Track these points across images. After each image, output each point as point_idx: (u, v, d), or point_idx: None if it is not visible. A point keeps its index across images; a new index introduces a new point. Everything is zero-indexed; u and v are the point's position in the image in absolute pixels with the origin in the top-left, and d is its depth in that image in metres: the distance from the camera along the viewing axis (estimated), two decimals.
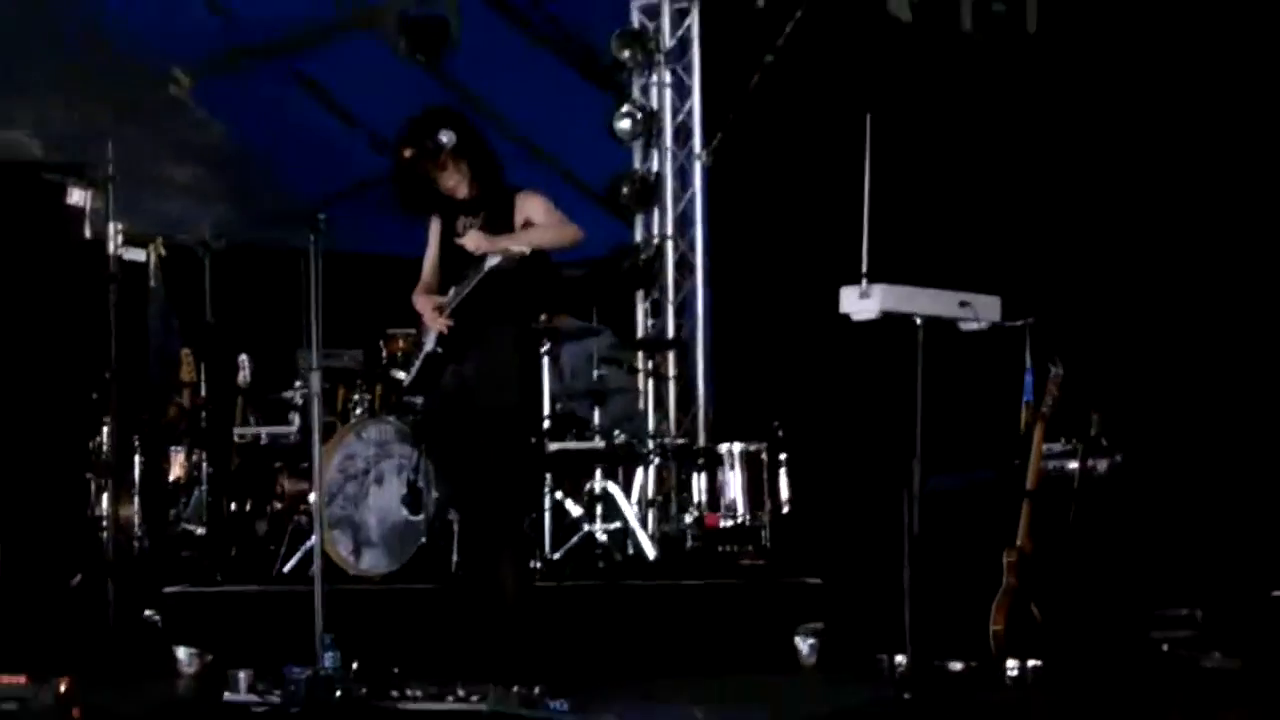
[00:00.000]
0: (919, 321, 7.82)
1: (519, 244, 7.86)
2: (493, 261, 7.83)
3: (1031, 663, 8.21)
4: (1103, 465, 9.77)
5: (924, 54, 11.82)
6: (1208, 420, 10.65)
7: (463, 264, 7.96)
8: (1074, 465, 9.28)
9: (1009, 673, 8.21)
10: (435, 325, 7.97)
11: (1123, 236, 11.24)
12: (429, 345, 8.02)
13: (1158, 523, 9.94)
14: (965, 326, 8.16)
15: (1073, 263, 11.24)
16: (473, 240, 7.86)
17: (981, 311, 8.12)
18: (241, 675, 7.50)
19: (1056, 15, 11.39)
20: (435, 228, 8.18)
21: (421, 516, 9.97)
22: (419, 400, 9.08)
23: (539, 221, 7.94)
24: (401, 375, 8.58)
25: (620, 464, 10.78)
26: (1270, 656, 8.84)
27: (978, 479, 9.46)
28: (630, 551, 10.56)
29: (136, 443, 13.13)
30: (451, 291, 7.98)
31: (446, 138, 7.90)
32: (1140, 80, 11.16)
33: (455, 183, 8.01)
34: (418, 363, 8.13)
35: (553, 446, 10.39)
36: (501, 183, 8.07)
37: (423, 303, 8.17)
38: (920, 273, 8.14)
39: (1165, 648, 8.80)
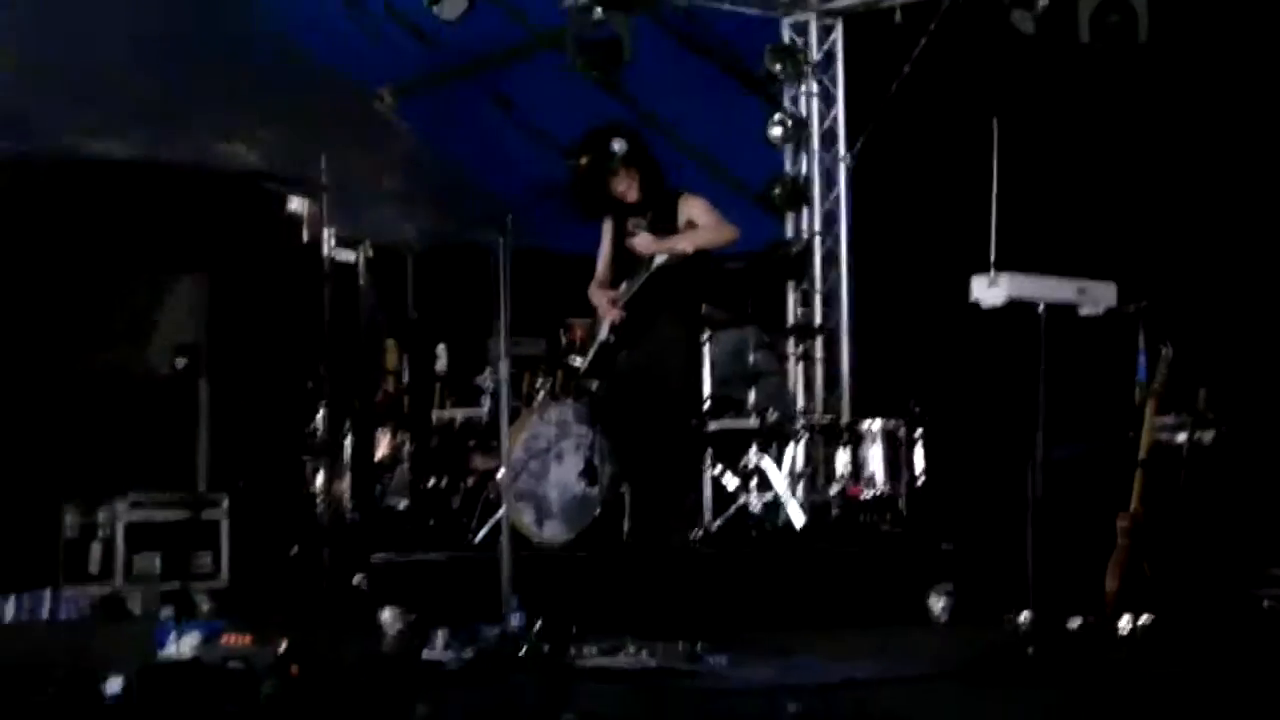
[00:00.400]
0: (1042, 307, 7.77)
1: (683, 244, 7.91)
2: (660, 259, 7.88)
3: (1143, 619, 8.13)
4: (1208, 437, 9.64)
5: (1046, 62, 11.69)
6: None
7: (633, 261, 8.01)
8: (1182, 437, 9.17)
9: (1122, 628, 8.14)
10: (609, 316, 8.03)
11: (1228, 228, 11.07)
12: (603, 334, 8.07)
13: (1260, 490, 9.80)
14: (1084, 311, 8.09)
15: (1183, 252, 11.07)
16: (642, 242, 7.92)
17: (1098, 297, 8.06)
18: (439, 634, 7.58)
19: (1165, 25, 11.20)
20: (608, 228, 8.23)
21: (597, 490, 10.04)
22: (595, 384, 9.14)
23: (700, 222, 7.98)
24: (578, 361, 8.62)
25: (772, 440, 10.78)
26: None
27: (1078, 450, 9.38)
28: (781, 521, 10.58)
29: (347, 425, 13.31)
30: (623, 286, 8.04)
31: (618, 146, 7.98)
32: (1242, 82, 10.97)
33: (625, 188, 8.07)
34: (593, 350, 8.19)
35: (712, 425, 10.43)
36: (665, 187, 8.12)
37: (598, 295, 8.23)
38: (1043, 262, 8.09)
39: (1266, 604, 8.67)
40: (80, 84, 13.38)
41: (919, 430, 10.48)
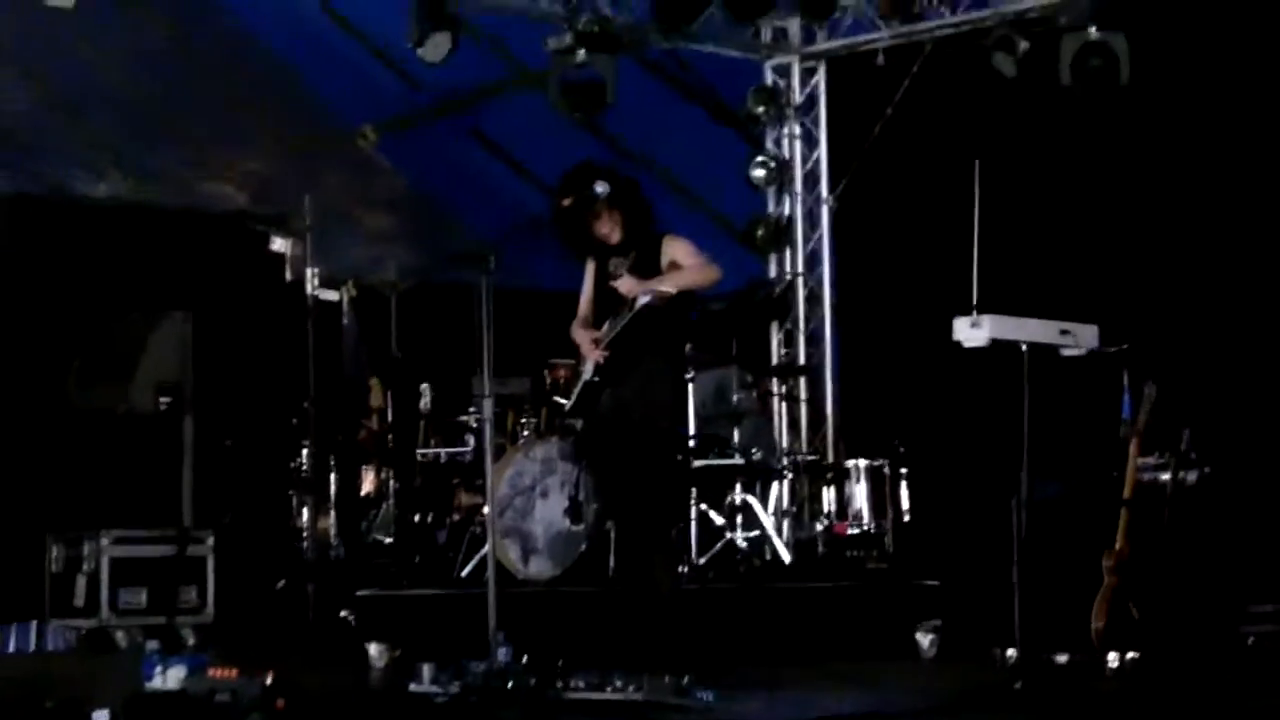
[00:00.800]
0: (1024, 348, 7.78)
1: (665, 286, 7.88)
2: (644, 300, 7.86)
3: (1130, 655, 8.14)
4: (1192, 476, 9.67)
5: (1027, 104, 11.75)
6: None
7: (616, 301, 7.98)
8: (1166, 476, 9.20)
9: (1109, 664, 8.15)
10: (592, 356, 8.01)
11: (1208, 271, 11.12)
12: (588, 374, 8.04)
13: (1243, 528, 9.83)
14: (1067, 352, 8.11)
15: (1165, 295, 11.12)
16: (625, 284, 7.89)
17: (1081, 339, 8.07)
18: (425, 668, 7.54)
19: (1145, 68, 11.27)
20: (591, 268, 8.21)
21: (582, 526, 10.01)
22: (579, 422, 9.11)
23: (684, 263, 7.95)
24: (563, 401, 8.58)
25: (757, 478, 10.79)
26: None
27: (1056, 490, 9.41)
28: (767, 557, 10.57)
29: (332, 462, 13.30)
30: (606, 325, 8.01)
31: (601, 189, 7.95)
32: (1222, 124, 11.03)
33: (609, 229, 8.03)
34: (577, 389, 8.16)
35: (697, 463, 10.43)
36: (650, 228, 8.09)
37: (581, 335, 8.20)
38: (1026, 304, 8.10)
39: (1251, 641, 8.69)
40: (69, 106, 13.40)
41: (904, 469, 10.48)
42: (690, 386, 10.64)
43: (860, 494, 10.44)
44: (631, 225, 8.00)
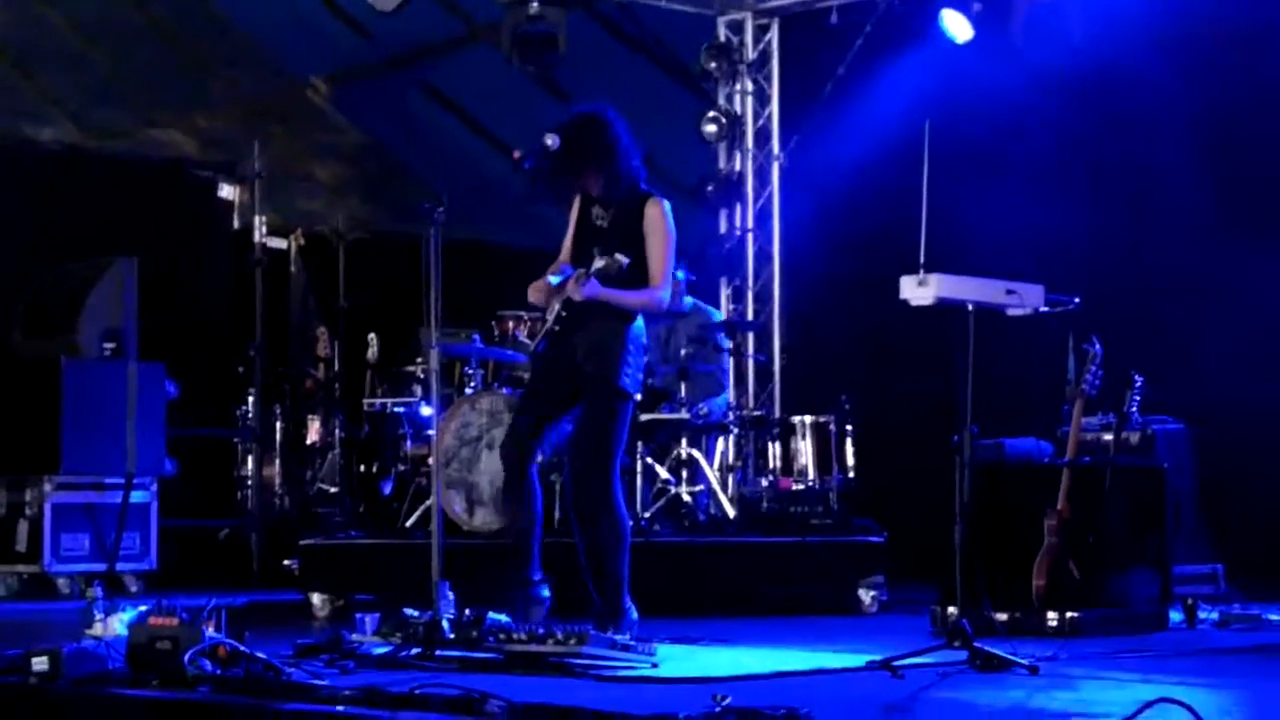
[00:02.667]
0: (970, 307, 7.75)
1: (614, 300, 7.71)
2: (599, 264, 7.70)
3: (1069, 614, 8.15)
4: (1135, 438, 9.71)
5: (978, 65, 11.72)
6: (1232, 394, 10.54)
7: (591, 248, 7.83)
8: (1109, 437, 9.21)
9: (1049, 622, 8.16)
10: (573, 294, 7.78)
11: (1159, 229, 11.14)
12: (549, 323, 7.91)
13: (1187, 489, 9.87)
14: (1012, 312, 8.10)
15: (1115, 253, 11.14)
16: (576, 293, 7.70)
17: (1027, 299, 8.07)
18: (367, 618, 7.51)
19: (1098, 30, 11.27)
20: (574, 213, 8.05)
21: None
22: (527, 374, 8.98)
23: (650, 239, 7.78)
24: (528, 342, 8.35)
25: (703, 433, 10.77)
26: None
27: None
28: (712, 511, 10.56)
29: (278, 411, 13.27)
30: (575, 276, 7.83)
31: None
32: (1167, 79, 11.03)
33: (588, 180, 7.91)
34: (541, 334, 8.02)
35: (644, 417, 10.39)
36: (631, 180, 7.91)
37: (537, 294, 8.01)
38: (971, 263, 8.08)
39: (1190, 601, 8.71)
40: (24, 61, 13.28)
41: (849, 425, 10.46)
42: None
43: (805, 450, 10.41)
44: (611, 181, 7.86)
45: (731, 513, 10.47)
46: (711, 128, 13.28)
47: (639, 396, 8.06)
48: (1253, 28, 10.84)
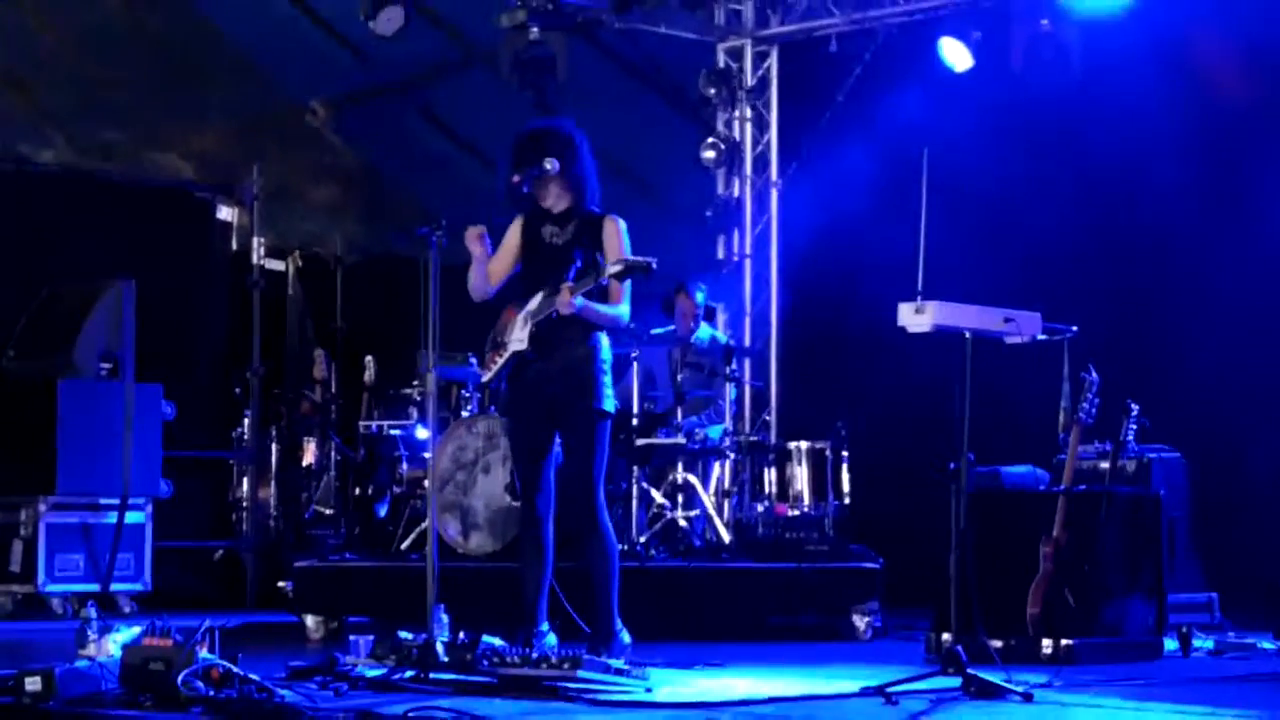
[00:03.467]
0: (968, 335, 7.75)
1: (593, 316, 7.68)
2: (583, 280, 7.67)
3: (1064, 642, 8.15)
4: (1131, 466, 9.71)
5: (977, 94, 11.75)
6: (1227, 424, 10.56)
7: (548, 266, 7.78)
8: (1105, 465, 9.21)
9: (1044, 650, 8.15)
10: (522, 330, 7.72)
11: (1154, 259, 11.16)
12: (520, 344, 7.82)
13: (1181, 517, 9.87)
14: (1010, 340, 8.10)
15: (1111, 282, 11.15)
16: (565, 306, 7.66)
17: (1024, 327, 8.06)
18: (361, 640, 7.51)
19: (1097, 61, 11.30)
20: (517, 225, 7.96)
21: None
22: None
23: (611, 258, 7.75)
24: (485, 375, 8.24)
25: (699, 458, 10.77)
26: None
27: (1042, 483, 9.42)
28: (708, 536, 10.56)
29: (274, 433, 13.27)
30: (539, 298, 7.80)
31: (551, 166, 7.80)
32: (1164, 112, 11.06)
33: (553, 200, 7.89)
34: (504, 358, 7.93)
35: (640, 441, 10.40)
36: (592, 204, 7.91)
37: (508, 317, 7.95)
38: (969, 291, 8.08)
39: (1184, 630, 8.71)
40: (19, 80, 13.27)
41: (845, 452, 10.46)
42: (634, 364, 10.65)
43: (801, 476, 10.41)
44: (577, 199, 7.87)
45: (727, 538, 10.47)
46: (710, 154, 13.31)
47: (614, 413, 7.99)
48: (1251, 54, 10.87)
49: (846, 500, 10.42)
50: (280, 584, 10.85)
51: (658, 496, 10.52)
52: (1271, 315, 10.65)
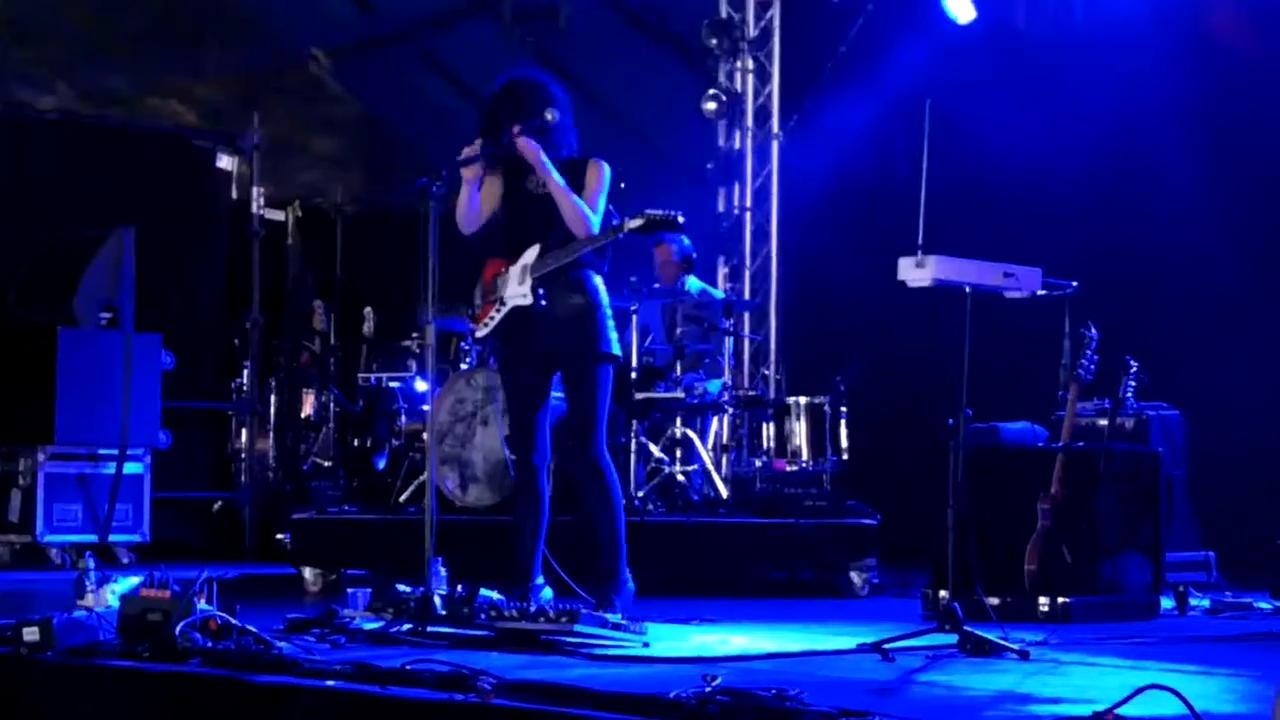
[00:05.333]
0: (968, 290, 7.74)
1: (555, 189, 7.63)
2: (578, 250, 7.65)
3: (1061, 599, 8.17)
4: (1130, 423, 9.72)
5: (980, 45, 11.73)
6: (1226, 382, 10.56)
7: (533, 217, 7.76)
8: (1104, 422, 9.21)
9: (1040, 608, 8.17)
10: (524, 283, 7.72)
11: (1156, 215, 11.14)
12: (521, 299, 7.79)
13: (1180, 475, 9.88)
14: (1010, 295, 8.08)
15: (1112, 238, 11.14)
16: (527, 153, 7.58)
17: (1024, 282, 8.05)
18: (359, 593, 7.53)
19: (1100, 13, 11.28)
20: (496, 187, 7.90)
21: None
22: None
23: (589, 185, 7.75)
24: (481, 331, 8.21)
25: (698, 413, 10.78)
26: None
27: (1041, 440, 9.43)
28: (706, 492, 10.58)
29: (273, 384, 13.28)
30: (534, 250, 7.78)
31: (551, 116, 7.78)
32: (1166, 69, 11.03)
33: (546, 149, 7.85)
34: (500, 315, 7.91)
35: (639, 395, 10.40)
36: (571, 152, 7.89)
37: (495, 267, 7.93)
38: (970, 246, 8.07)
39: (1181, 589, 8.74)
40: (17, 28, 13.24)
41: (844, 407, 10.47)
42: (633, 318, 10.64)
43: (800, 431, 10.42)
44: (559, 149, 7.84)
45: (725, 493, 10.49)
46: (711, 105, 13.29)
47: (620, 356, 7.99)
48: (1256, 7, 10.83)
49: (845, 456, 10.43)
50: (278, 536, 10.87)
51: (656, 451, 10.54)
52: (1274, 273, 10.64)
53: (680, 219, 7.64)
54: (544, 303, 7.73)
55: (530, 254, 7.76)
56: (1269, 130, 10.75)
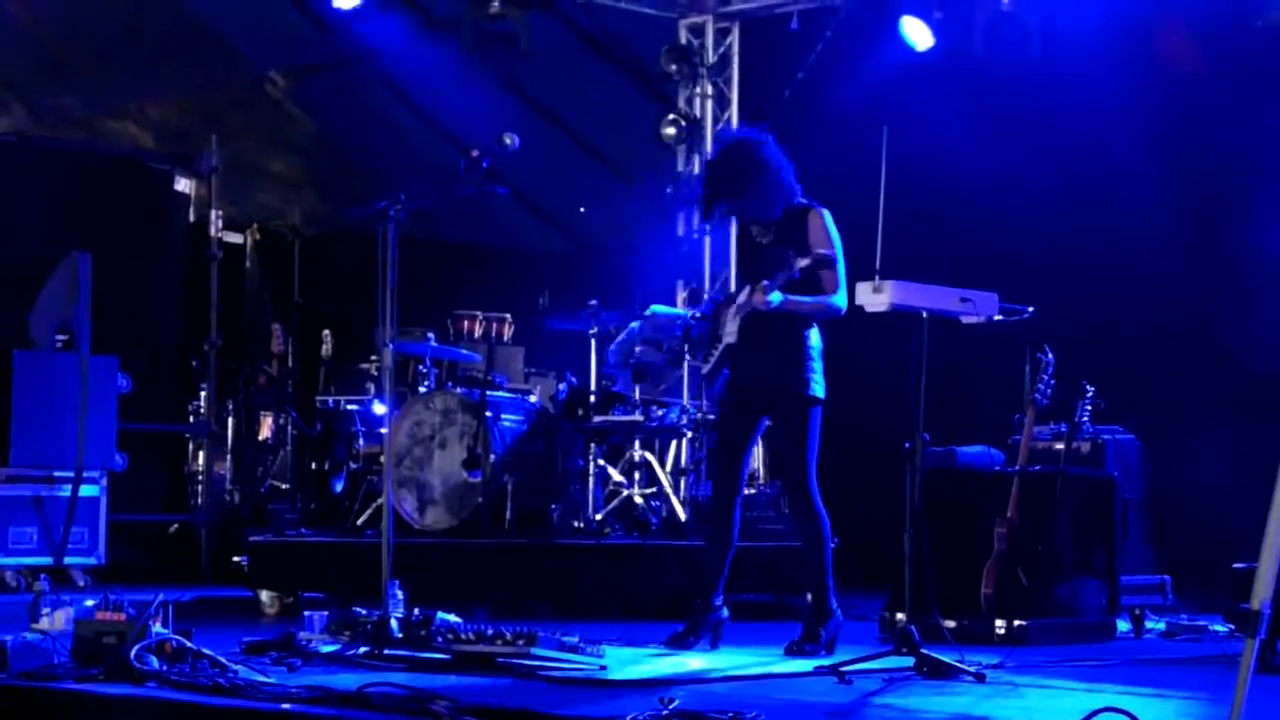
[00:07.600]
0: (925, 315, 7.79)
1: (795, 308, 7.75)
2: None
3: (1017, 622, 8.21)
4: (1086, 447, 9.78)
5: (938, 73, 11.78)
6: (1182, 405, 10.63)
7: (758, 264, 7.87)
8: (1060, 446, 9.28)
9: (997, 630, 8.22)
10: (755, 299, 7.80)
11: (1113, 241, 11.21)
12: (730, 337, 7.94)
13: (1135, 499, 9.94)
14: (966, 320, 8.13)
15: (1068, 263, 11.20)
16: (761, 304, 7.72)
17: (981, 307, 8.09)
18: (316, 616, 7.53)
19: (1057, 42, 11.34)
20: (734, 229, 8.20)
21: (480, 478, 10.02)
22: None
23: (815, 247, 7.82)
24: (705, 369, 8.31)
25: (657, 436, 10.81)
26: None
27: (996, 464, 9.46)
28: (664, 515, 10.59)
29: (230, 406, 13.24)
30: (745, 292, 7.87)
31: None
32: (1124, 94, 11.10)
33: (744, 204, 8.00)
34: (717, 353, 8.05)
35: (597, 419, 10.42)
36: (791, 201, 8.00)
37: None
38: (927, 271, 8.11)
39: (1137, 611, 8.79)
40: None
41: None
42: (592, 342, 10.66)
43: (757, 455, 10.45)
44: (783, 200, 7.94)
45: (683, 516, 10.50)
46: (670, 130, 13.32)
47: (824, 398, 8.08)
48: (1215, 38, 10.91)
49: None
50: (235, 559, 10.82)
51: (615, 474, 10.55)
52: (1228, 301, 10.71)
53: (832, 255, 7.80)
54: (741, 345, 7.87)
55: (743, 294, 7.90)
56: (1223, 155, 10.83)
